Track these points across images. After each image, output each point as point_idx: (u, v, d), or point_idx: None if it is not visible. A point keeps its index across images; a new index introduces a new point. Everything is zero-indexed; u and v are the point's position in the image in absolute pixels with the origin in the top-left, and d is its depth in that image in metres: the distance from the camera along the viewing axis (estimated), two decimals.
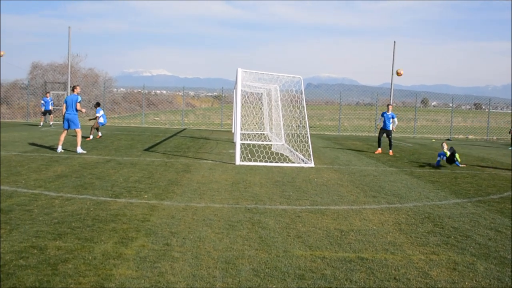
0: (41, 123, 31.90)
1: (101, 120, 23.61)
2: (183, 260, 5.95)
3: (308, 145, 16.09)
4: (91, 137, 22.64)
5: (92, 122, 24.90)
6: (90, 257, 5.93)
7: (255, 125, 28.84)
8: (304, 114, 16.98)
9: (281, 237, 7.16)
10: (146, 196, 9.74)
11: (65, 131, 17.18)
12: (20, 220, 7.58)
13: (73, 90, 17.29)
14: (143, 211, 8.43)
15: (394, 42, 36.65)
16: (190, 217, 8.11)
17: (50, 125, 32.03)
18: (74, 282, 5.18)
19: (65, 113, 16.98)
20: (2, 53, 18.15)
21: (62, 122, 18.19)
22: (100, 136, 23.49)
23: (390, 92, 37.03)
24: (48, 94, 32.61)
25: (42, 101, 32.12)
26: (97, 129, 23.67)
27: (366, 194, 10.98)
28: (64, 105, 17.09)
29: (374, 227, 7.97)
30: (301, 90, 17.30)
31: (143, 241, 6.66)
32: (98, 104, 24.19)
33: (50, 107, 32.09)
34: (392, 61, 36.38)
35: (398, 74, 30.36)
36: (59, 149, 16.83)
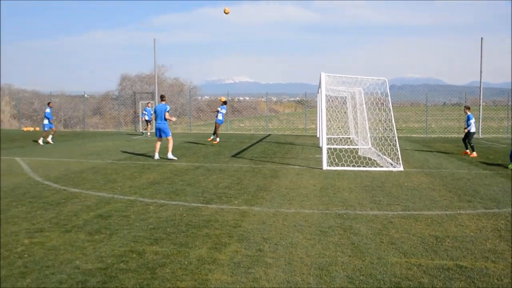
0: (147, 132, 32.77)
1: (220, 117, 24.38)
2: (277, 266, 5.98)
3: (397, 148, 15.76)
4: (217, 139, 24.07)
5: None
6: (186, 262, 6.08)
7: (340, 129, 28.53)
8: (391, 117, 16.65)
9: (374, 243, 7.05)
10: (236, 202, 9.88)
11: (159, 139, 17.73)
12: (118, 225, 7.91)
13: (162, 100, 17.80)
14: (234, 216, 8.55)
15: (482, 38, 35.26)
16: (281, 223, 8.14)
17: (148, 135, 32.73)
18: (172, 286, 5.34)
19: (156, 122, 17.55)
20: (227, 10, 18.95)
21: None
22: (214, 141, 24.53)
23: (480, 91, 35.65)
24: (149, 104, 33.33)
25: (144, 111, 32.98)
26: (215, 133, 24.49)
27: (460, 198, 10.61)
28: (154, 114, 17.63)
29: (472, 234, 7.68)
30: (387, 92, 16.98)
31: (236, 247, 6.76)
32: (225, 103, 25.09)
33: (151, 117, 32.97)
34: (480, 58, 35.01)
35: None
36: (156, 156, 17.55)
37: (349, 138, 27.54)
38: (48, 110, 25.47)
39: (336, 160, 16.20)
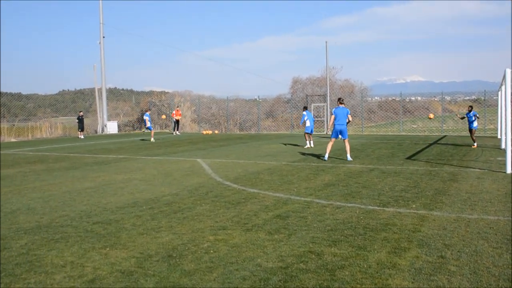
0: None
1: None
2: (461, 275, 5.71)
3: None
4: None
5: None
6: (365, 265, 6.05)
7: None
8: None
9: None
10: (414, 205, 9.61)
11: (333, 140, 17.98)
12: (296, 226, 8.09)
13: (342, 103, 17.97)
14: (413, 221, 8.33)
15: None
16: (463, 229, 7.77)
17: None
18: None
19: (335, 124, 17.76)
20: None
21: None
22: None
23: None
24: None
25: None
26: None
27: None
28: (333, 116, 17.87)
29: None
30: None
31: (416, 252, 6.58)
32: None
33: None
34: None
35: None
36: (326, 157, 17.86)
37: None
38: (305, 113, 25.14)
39: None
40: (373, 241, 7.14)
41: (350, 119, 17.86)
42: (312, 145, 23.80)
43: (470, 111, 23.33)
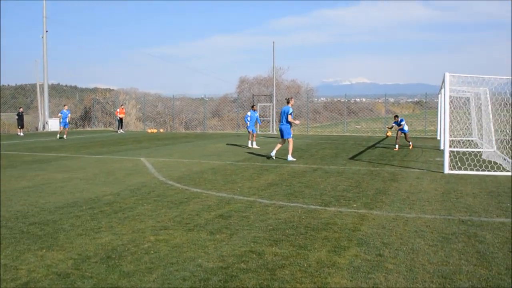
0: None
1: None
2: (397, 272, 5.84)
3: None
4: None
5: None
6: (305, 264, 6.11)
7: (462, 131, 27.36)
8: None
9: (502, 252, 6.68)
10: (355, 205, 9.77)
11: (282, 141, 18.20)
12: (238, 225, 8.10)
13: (288, 102, 18.20)
14: (353, 220, 8.47)
15: None
16: (401, 228, 7.95)
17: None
18: None
19: (280, 124, 18.08)
20: None
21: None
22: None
23: None
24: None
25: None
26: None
27: None
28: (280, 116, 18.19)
29: None
30: None
31: (356, 251, 6.69)
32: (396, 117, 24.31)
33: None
34: None
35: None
36: (272, 153, 18.27)
37: (472, 140, 26.34)
38: (249, 113, 24.74)
39: (459, 164, 15.57)
40: (313, 240, 7.22)
41: (289, 119, 17.79)
42: (254, 146, 23.67)
43: (396, 120, 23.72)
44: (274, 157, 17.97)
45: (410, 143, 24.15)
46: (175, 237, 7.37)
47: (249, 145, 23.80)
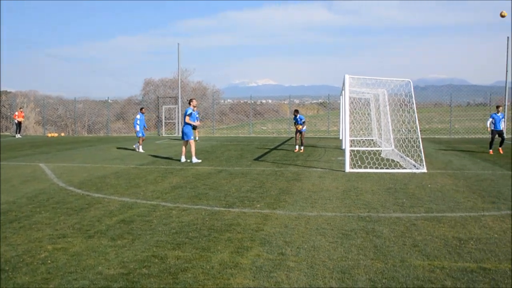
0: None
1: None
2: (299, 270, 5.95)
3: (420, 150, 15.60)
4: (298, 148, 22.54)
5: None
6: (208, 267, 6.08)
7: (363, 131, 28.38)
8: (415, 118, 16.51)
9: (397, 246, 6.98)
10: (258, 205, 9.86)
11: (184, 143, 18.08)
12: (141, 230, 7.95)
13: (189, 104, 18.17)
14: (257, 220, 8.54)
15: (508, 37, 34.85)
16: (303, 226, 8.11)
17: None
18: None
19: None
20: (504, 13, 19.08)
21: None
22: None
23: (505, 91, 35.16)
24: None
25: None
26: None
27: (484, 200, 10.45)
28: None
29: (496, 235, 7.56)
30: (411, 94, 16.85)
31: (258, 251, 6.74)
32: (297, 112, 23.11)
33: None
34: (506, 58, 34.63)
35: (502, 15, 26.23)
36: (182, 159, 18.05)
37: (372, 140, 27.38)
38: (138, 116, 23.73)
39: (359, 162, 16.12)
40: (217, 242, 7.21)
41: (186, 120, 17.74)
42: (140, 150, 22.71)
43: (296, 115, 22.74)
44: (188, 161, 17.76)
45: (302, 147, 22.60)
46: (74, 245, 7.12)
47: (137, 149, 22.83)
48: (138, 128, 23.16)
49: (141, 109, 24.56)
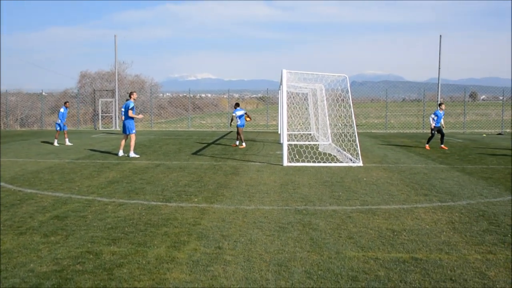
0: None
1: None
2: (235, 263, 5.97)
3: (356, 144, 15.93)
4: (242, 144, 21.75)
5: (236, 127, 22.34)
6: (144, 262, 6.02)
7: (301, 126, 28.71)
8: (351, 113, 16.83)
9: (333, 238, 7.11)
10: (196, 199, 9.83)
11: (124, 136, 17.77)
12: (75, 226, 7.77)
13: (129, 97, 17.86)
14: (194, 214, 8.51)
15: (440, 36, 36.11)
16: (240, 220, 8.14)
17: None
18: (129, 286, 5.27)
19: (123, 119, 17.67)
20: None
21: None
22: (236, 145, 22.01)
23: (438, 87, 36.37)
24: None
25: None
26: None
27: (417, 192, 10.79)
28: (123, 110, 17.74)
29: (427, 227, 7.82)
30: (347, 89, 17.14)
31: (195, 245, 6.72)
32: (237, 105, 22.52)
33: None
34: (439, 55, 35.82)
35: None
36: (120, 153, 17.80)
37: (310, 134, 27.73)
38: (62, 110, 23.38)
39: (297, 156, 16.30)
40: (153, 236, 7.14)
41: (130, 114, 17.58)
42: (57, 144, 22.45)
43: (236, 108, 22.15)
44: (126, 155, 17.45)
45: (237, 142, 21.93)
46: (5, 242, 6.88)
47: (56, 144, 22.54)
48: (60, 120, 22.93)
49: (65, 103, 24.18)
